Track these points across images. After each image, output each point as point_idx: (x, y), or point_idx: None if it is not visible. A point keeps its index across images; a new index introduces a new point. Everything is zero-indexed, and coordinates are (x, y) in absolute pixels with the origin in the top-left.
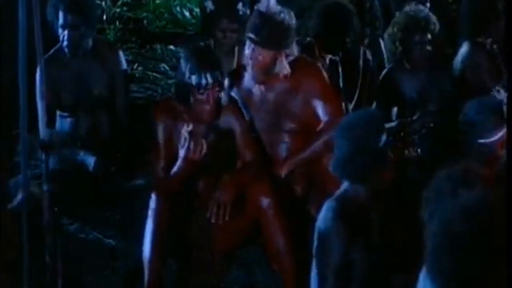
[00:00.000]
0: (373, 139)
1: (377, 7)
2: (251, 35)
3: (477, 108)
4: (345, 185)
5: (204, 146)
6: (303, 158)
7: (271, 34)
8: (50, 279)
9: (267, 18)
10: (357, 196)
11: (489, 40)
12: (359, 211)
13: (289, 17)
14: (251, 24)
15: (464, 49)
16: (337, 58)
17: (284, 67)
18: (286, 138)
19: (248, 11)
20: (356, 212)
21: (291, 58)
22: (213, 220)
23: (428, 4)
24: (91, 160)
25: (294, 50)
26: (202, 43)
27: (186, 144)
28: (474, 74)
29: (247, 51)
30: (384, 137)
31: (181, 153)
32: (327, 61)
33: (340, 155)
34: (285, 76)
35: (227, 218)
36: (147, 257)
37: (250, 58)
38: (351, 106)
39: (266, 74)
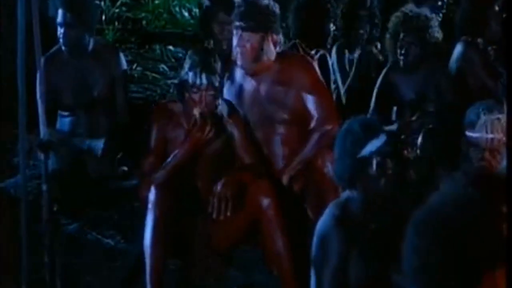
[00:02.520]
0: (358, 147)
1: (375, 4)
2: (238, 23)
3: (474, 107)
4: (346, 192)
5: (212, 131)
6: (300, 161)
7: (257, 17)
8: (49, 279)
9: (250, 3)
10: (356, 204)
11: (481, 40)
12: (358, 220)
13: (273, 4)
14: (237, 13)
15: (458, 49)
16: (325, 52)
17: (270, 51)
18: (280, 129)
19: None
20: (355, 220)
21: (280, 50)
22: (214, 215)
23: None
24: (99, 144)
25: (281, 38)
26: (208, 46)
27: (193, 123)
28: (469, 73)
29: (235, 41)
30: (370, 147)
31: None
32: (316, 57)
33: (334, 158)
34: (277, 69)
35: (228, 213)
36: (148, 248)
37: (238, 46)
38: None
39: (255, 61)
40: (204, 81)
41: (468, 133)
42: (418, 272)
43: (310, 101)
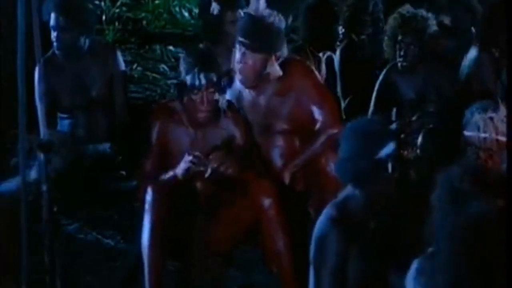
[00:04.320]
0: (377, 148)
1: (380, 8)
2: (242, 39)
3: (472, 107)
4: (345, 191)
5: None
6: (303, 160)
7: (262, 37)
8: (49, 279)
9: (257, 21)
10: (356, 204)
11: (496, 48)
12: (358, 219)
13: (279, 20)
14: (242, 28)
15: (472, 54)
16: (331, 54)
17: (275, 70)
18: (279, 140)
19: None
20: (354, 220)
21: (281, 59)
22: (207, 175)
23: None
24: (105, 146)
25: (285, 51)
26: (202, 45)
27: (184, 166)
28: (479, 81)
29: (237, 55)
30: (388, 150)
31: (177, 171)
32: (323, 59)
33: (343, 156)
34: (277, 80)
35: (229, 170)
36: (146, 250)
37: (240, 62)
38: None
39: (256, 79)
40: (203, 81)
41: (464, 132)
42: (454, 276)
43: (314, 106)
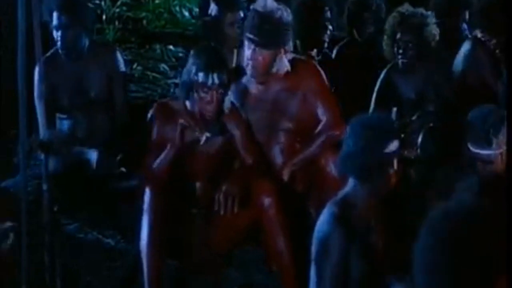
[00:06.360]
0: (383, 144)
1: (382, 8)
2: (251, 36)
3: (477, 113)
4: (345, 189)
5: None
6: (303, 159)
7: (271, 33)
8: (49, 278)
9: (265, 17)
10: (357, 200)
11: (492, 38)
12: (359, 217)
13: (286, 14)
14: (250, 24)
15: (466, 48)
16: (328, 52)
17: (284, 64)
18: (281, 138)
19: None
20: (356, 217)
21: (290, 57)
22: (221, 212)
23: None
24: (93, 155)
25: (290, 45)
26: (212, 44)
27: (178, 136)
28: (475, 74)
29: (247, 52)
30: (393, 146)
31: (173, 142)
32: (317, 57)
33: (349, 151)
34: (284, 75)
35: (235, 210)
36: (145, 250)
37: (251, 60)
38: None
39: (266, 74)
40: (216, 80)
41: (475, 150)
42: (428, 271)
43: (318, 106)
